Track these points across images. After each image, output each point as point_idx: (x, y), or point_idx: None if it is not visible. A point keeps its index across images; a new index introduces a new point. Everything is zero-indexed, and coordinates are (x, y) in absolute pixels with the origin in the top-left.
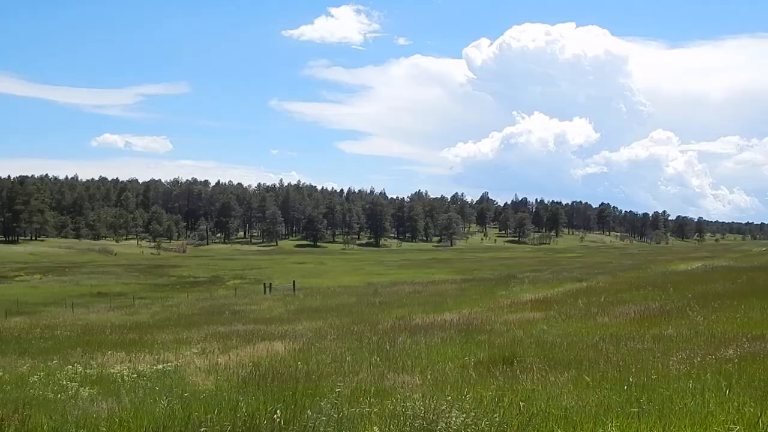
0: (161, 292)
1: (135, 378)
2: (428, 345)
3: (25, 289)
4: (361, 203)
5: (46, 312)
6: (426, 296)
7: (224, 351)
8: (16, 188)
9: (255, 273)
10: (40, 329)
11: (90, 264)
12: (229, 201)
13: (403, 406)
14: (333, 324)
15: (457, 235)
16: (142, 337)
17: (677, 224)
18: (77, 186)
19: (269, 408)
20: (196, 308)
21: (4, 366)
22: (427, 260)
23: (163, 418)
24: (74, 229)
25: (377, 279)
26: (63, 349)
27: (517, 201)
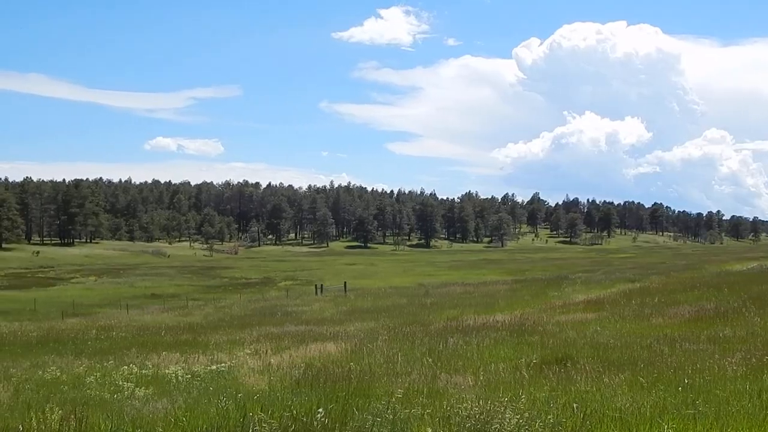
0: (214, 294)
1: (189, 378)
2: (480, 346)
3: (81, 291)
4: (412, 204)
5: (101, 313)
6: (477, 297)
7: (277, 352)
8: (71, 191)
9: (306, 274)
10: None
11: (143, 266)
12: (280, 203)
13: (457, 407)
14: (384, 325)
15: (507, 235)
16: (195, 338)
17: (732, 224)
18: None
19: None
20: (249, 309)
21: (61, 366)
22: (478, 261)
23: (217, 418)
24: (128, 232)
25: (428, 280)
26: (118, 350)
27: (569, 201)
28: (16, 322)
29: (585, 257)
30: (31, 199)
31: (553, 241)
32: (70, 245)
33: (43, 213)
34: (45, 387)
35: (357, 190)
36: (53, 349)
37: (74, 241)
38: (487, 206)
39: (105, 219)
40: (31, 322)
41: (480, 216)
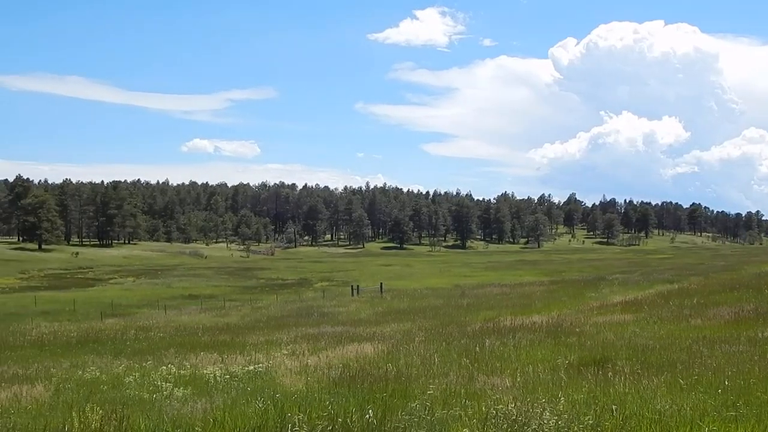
0: (250, 294)
1: (227, 379)
2: (517, 347)
3: (119, 292)
4: (447, 205)
5: (139, 314)
6: (514, 298)
7: (314, 352)
8: (109, 193)
9: (342, 275)
10: (135, 330)
11: (181, 267)
12: (316, 204)
13: (495, 409)
14: (421, 326)
15: (544, 236)
16: (233, 338)
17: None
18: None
19: (360, 409)
20: (285, 310)
21: (101, 366)
22: (514, 262)
23: (256, 418)
24: (166, 233)
25: (464, 281)
26: (157, 350)
27: (606, 202)
28: (55, 322)
29: (622, 258)
30: (71, 200)
31: (590, 242)
32: (109, 246)
33: (82, 214)
34: (85, 387)
35: (393, 191)
36: (93, 349)
37: (113, 242)
38: (524, 207)
39: (143, 220)
40: (70, 322)
41: (516, 217)
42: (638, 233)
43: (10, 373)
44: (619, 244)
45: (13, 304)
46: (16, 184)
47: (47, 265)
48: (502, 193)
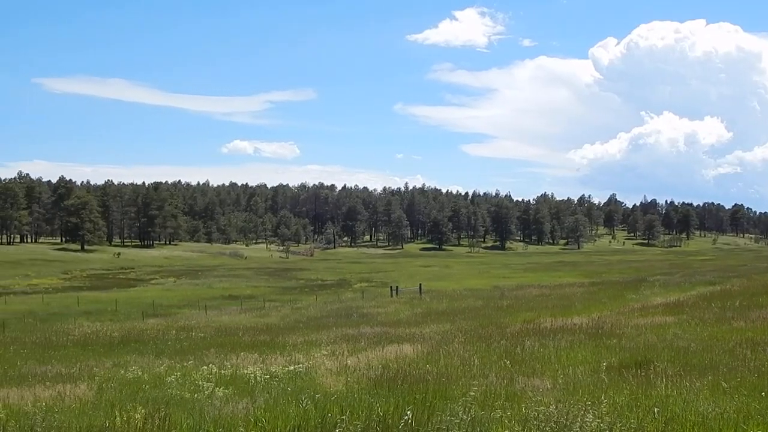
0: (290, 295)
1: (268, 379)
2: (557, 348)
3: (160, 292)
4: (486, 206)
5: (180, 314)
6: (553, 299)
7: (353, 353)
8: (150, 194)
9: (381, 276)
10: (176, 330)
11: (221, 267)
12: (355, 205)
13: (536, 410)
14: (460, 327)
15: (584, 237)
16: (273, 338)
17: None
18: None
19: (400, 410)
20: (325, 311)
21: (142, 366)
22: (554, 263)
23: (296, 418)
24: (206, 234)
25: (503, 282)
26: (198, 350)
27: (646, 203)
28: (98, 322)
29: (663, 259)
30: (113, 201)
31: (631, 243)
32: (150, 247)
33: (124, 215)
34: (127, 386)
35: (432, 191)
36: (134, 348)
37: (154, 243)
38: (563, 208)
39: (183, 221)
40: (112, 322)
41: (556, 218)
42: (679, 234)
43: (54, 372)
44: (660, 246)
45: (57, 304)
46: (59, 185)
47: (89, 266)
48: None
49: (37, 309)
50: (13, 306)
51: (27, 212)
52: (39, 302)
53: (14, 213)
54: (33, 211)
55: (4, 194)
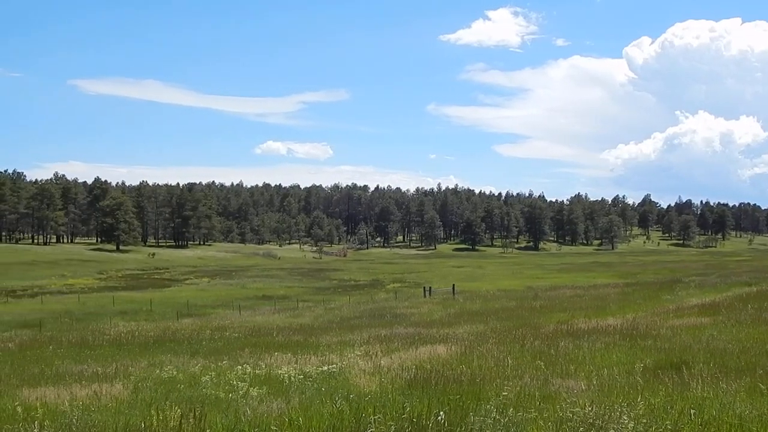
0: (323, 295)
1: (302, 379)
2: (592, 350)
3: (195, 292)
4: (520, 206)
5: (214, 314)
6: (587, 300)
7: (387, 353)
8: (185, 195)
9: (414, 276)
10: (210, 330)
11: (255, 267)
12: (388, 205)
13: (571, 412)
14: (494, 328)
15: (618, 238)
16: (306, 339)
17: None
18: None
19: (434, 410)
20: (358, 311)
21: (177, 365)
22: (588, 264)
23: (331, 419)
24: (240, 234)
25: (537, 283)
26: (232, 350)
27: (681, 203)
28: (133, 321)
29: (698, 260)
30: (147, 202)
31: (666, 244)
32: (184, 247)
33: (159, 216)
34: (163, 385)
35: (465, 192)
36: (169, 348)
37: (188, 243)
38: (597, 208)
39: (217, 222)
40: (147, 322)
41: (590, 218)
42: (715, 235)
43: (90, 371)
44: (696, 246)
45: (93, 304)
46: (94, 186)
47: (125, 266)
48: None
49: (73, 308)
50: (50, 305)
51: (63, 213)
52: (75, 302)
53: (51, 213)
54: (69, 211)
55: (41, 195)
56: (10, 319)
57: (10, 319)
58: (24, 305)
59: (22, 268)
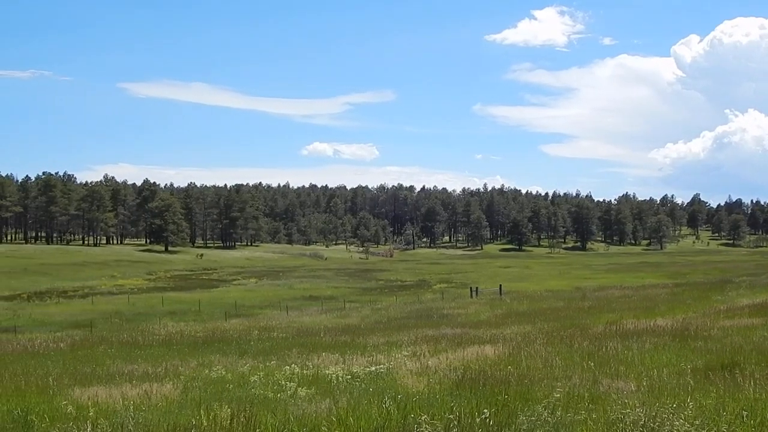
0: (370, 296)
1: (349, 379)
2: (641, 351)
3: (242, 293)
4: (567, 206)
5: (262, 314)
6: (636, 301)
7: (434, 354)
8: (232, 196)
9: (461, 277)
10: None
11: (301, 268)
12: (434, 206)
13: (622, 413)
14: (541, 328)
15: (667, 238)
16: (353, 339)
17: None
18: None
19: (482, 411)
20: (405, 311)
21: (226, 365)
22: (636, 264)
23: (379, 419)
24: (287, 235)
25: (585, 283)
26: (280, 350)
27: (731, 202)
28: (182, 322)
29: (749, 260)
30: (195, 203)
31: (715, 244)
32: (232, 248)
33: (206, 217)
34: (212, 385)
35: (511, 192)
36: (218, 348)
37: (235, 244)
38: (645, 208)
39: (264, 222)
40: (196, 322)
41: (638, 218)
42: (766, 235)
43: (140, 371)
44: (746, 246)
45: (142, 305)
46: (143, 188)
47: (173, 267)
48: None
49: (123, 309)
50: (100, 306)
51: (113, 214)
52: (125, 302)
53: (101, 215)
54: (118, 213)
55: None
56: (62, 319)
57: (62, 320)
58: (75, 306)
59: (73, 269)
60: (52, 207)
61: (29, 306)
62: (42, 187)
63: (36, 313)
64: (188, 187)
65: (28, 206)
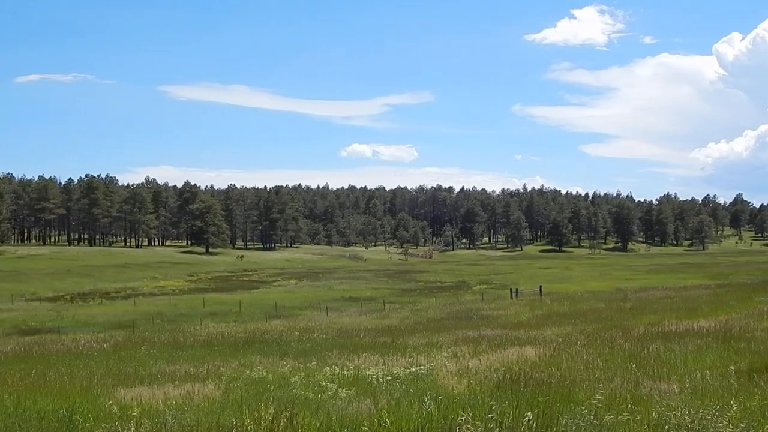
0: (409, 297)
1: (389, 380)
2: (683, 352)
3: (282, 294)
4: (607, 207)
5: (302, 315)
6: (678, 302)
7: (474, 355)
8: (272, 198)
9: (500, 278)
10: (298, 332)
11: (341, 269)
12: (474, 207)
13: (666, 415)
14: (582, 329)
15: (709, 238)
16: (393, 340)
17: None
18: (328, 194)
19: (524, 412)
20: (444, 313)
21: (267, 366)
22: (678, 265)
23: (419, 419)
24: (326, 236)
25: (626, 284)
26: (320, 351)
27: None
28: (223, 323)
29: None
30: (235, 205)
31: (759, 244)
32: (272, 249)
33: (246, 219)
34: (253, 386)
35: (551, 193)
36: (259, 349)
37: (275, 246)
38: (687, 208)
39: (304, 224)
40: (236, 323)
41: (679, 218)
42: None
43: (182, 371)
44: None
45: (184, 306)
46: (184, 190)
47: (214, 268)
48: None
49: (164, 310)
50: (142, 307)
51: (154, 216)
52: (166, 303)
53: (142, 217)
54: (160, 215)
55: (133, 199)
56: (105, 320)
57: (105, 321)
58: (117, 307)
59: (115, 270)
60: (94, 209)
61: (73, 307)
62: (84, 189)
63: (79, 314)
64: (228, 188)
65: (71, 208)
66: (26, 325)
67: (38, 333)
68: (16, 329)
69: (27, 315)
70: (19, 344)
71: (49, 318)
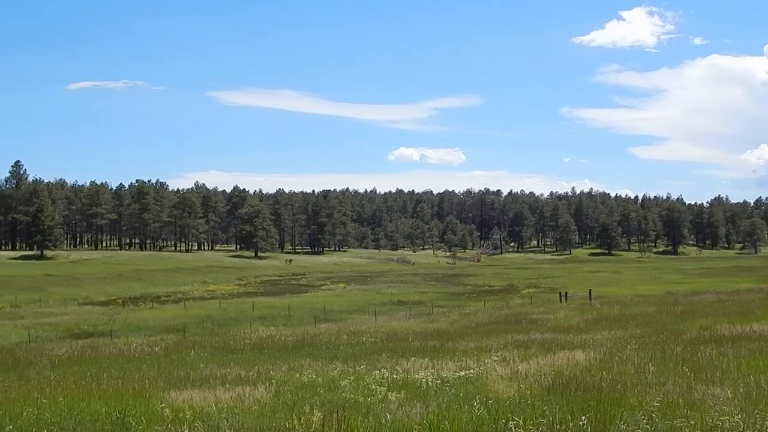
0: (458, 301)
1: (439, 384)
2: (737, 356)
3: (331, 298)
4: (657, 210)
5: (350, 319)
6: (730, 306)
7: (524, 359)
8: (320, 202)
9: (549, 282)
10: (347, 335)
11: (389, 273)
12: (522, 210)
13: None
14: (633, 334)
15: (761, 241)
16: (442, 344)
17: None
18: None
19: (576, 416)
20: (493, 316)
21: (316, 370)
22: (730, 268)
23: (470, 424)
24: (374, 240)
25: (676, 288)
26: (369, 355)
27: None
28: (272, 326)
29: None
30: (284, 209)
31: None
32: (320, 253)
33: (295, 223)
34: (303, 389)
35: (600, 196)
36: (308, 353)
37: (324, 250)
38: (739, 211)
39: (352, 228)
40: (285, 327)
41: (731, 221)
42: None
43: (233, 374)
44: None
45: (233, 310)
46: (233, 194)
47: (263, 272)
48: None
49: (214, 314)
50: (193, 311)
51: (204, 221)
52: (216, 307)
53: (192, 222)
54: (209, 219)
55: (183, 204)
56: (156, 324)
57: (156, 324)
58: (168, 311)
59: (165, 275)
60: (145, 214)
61: (124, 311)
62: (135, 194)
63: (131, 317)
64: (277, 193)
65: (122, 213)
66: (79, 328)
67: (91, 336)
68: (69, 333)
69: (80, 319)
70: (72, 347)
71: (102, 322)
